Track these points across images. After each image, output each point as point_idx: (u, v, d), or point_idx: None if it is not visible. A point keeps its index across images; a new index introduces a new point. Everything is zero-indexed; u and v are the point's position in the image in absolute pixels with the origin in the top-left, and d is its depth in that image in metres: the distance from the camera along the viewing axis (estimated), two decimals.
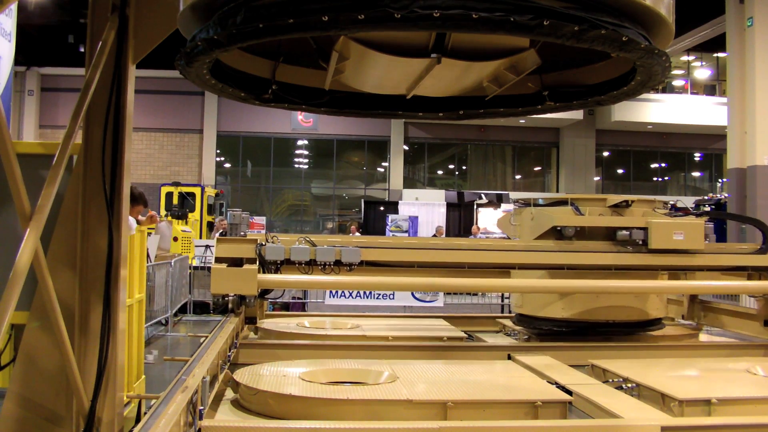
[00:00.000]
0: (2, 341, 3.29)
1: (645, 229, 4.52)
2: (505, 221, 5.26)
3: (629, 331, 4.68)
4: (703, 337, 4.97)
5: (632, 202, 4.74)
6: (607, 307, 4.63)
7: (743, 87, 16.15)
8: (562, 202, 4.82)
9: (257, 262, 4.15)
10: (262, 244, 4.22)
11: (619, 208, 4.74)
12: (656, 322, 4.78)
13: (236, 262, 4.17)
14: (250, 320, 4.66)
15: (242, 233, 4.65)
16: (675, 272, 5.02)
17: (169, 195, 23.40)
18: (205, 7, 2.50)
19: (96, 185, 2.98)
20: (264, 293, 4.62)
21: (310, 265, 4.27)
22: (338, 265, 4.29)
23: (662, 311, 4.82)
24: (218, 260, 4.23)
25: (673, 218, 4.64)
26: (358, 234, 21.85)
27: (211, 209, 23.76)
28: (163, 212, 22.10)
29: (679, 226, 4.50)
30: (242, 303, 4.30)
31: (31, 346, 2.98)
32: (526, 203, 5.03)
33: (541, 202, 4.98)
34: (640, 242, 4.54)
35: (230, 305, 4.25)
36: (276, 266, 4.27)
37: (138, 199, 7.13)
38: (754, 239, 14.05)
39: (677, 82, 30.69)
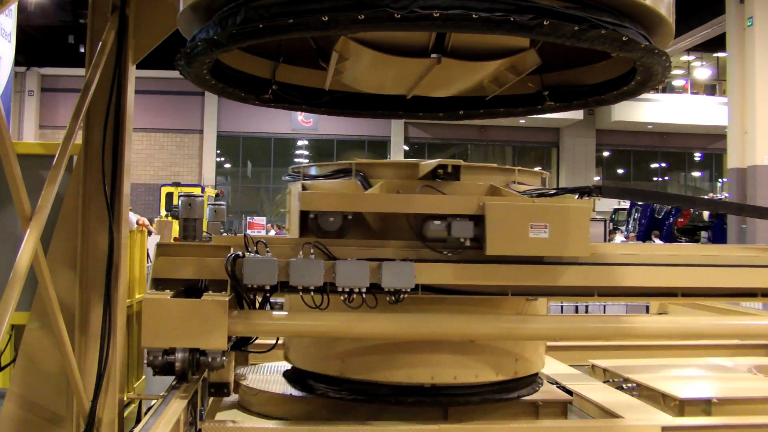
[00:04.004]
0: (2, 342, 3.28)
1: (479, 218, 2.61)
2: None
3: (474, 400, 2.92)
4: None
5: (457, 167, 2.79)
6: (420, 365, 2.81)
7: (743, 87, 16.13)
8: (344, 171, 3.01)
9: (229, 288, 2.53)
10: (238, 256, 2.54)
11: (440, 180, 2.81)
12: (528, 382, 3.02)
13: (192, 289, 2.66)
14: (218, 389, 2.89)
15: (207, 236, 3.04)
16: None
17: (170, 195, 23.41)
18: (205, 8, 2.50)
19: (96, 185, 2.98)
20: (241, 343, 2.93)
21: (325, 293, 2.56)
22: (375, 293, 2.56)
23: (537, 364, 3.07)
24: (157, 283, 2.63)
25: (534, 199, 2.71)
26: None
27: None
28: (163, 212, 22.11)
29: (539, 214, 2.54)
30: (200, 363, 2.59)
31: (32, 347, 2.98)
32: (297, 175, 3.24)
33: (313, 171, 3.18)
34: (468, 242, 2.66)
35: (178, 366, 2.53)
36: (265, 294, 2.61)
37: None
38: (755, 240, 14.02)
39: (677, 82, 30.66)
